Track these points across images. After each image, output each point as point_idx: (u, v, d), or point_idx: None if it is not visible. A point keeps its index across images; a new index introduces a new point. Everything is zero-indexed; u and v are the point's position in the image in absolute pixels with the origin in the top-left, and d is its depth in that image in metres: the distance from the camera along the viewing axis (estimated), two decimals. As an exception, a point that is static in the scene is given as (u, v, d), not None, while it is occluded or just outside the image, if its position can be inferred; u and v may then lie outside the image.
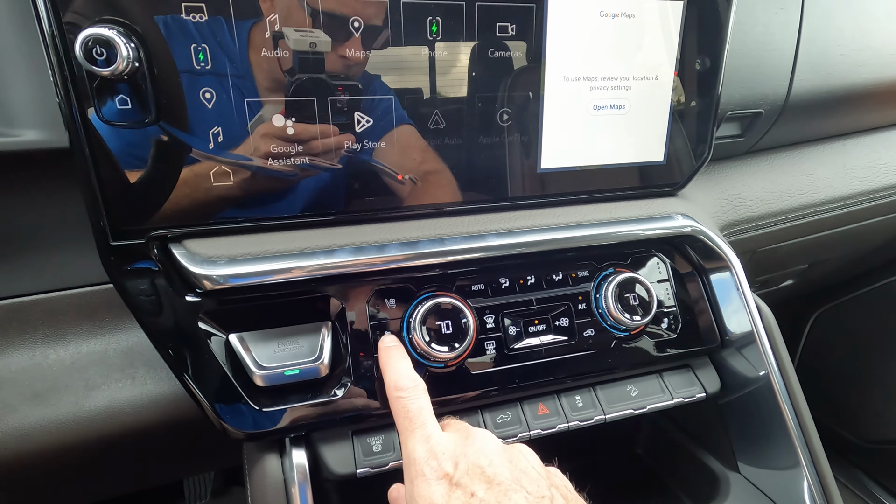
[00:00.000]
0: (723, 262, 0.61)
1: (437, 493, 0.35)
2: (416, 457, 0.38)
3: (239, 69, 0.43)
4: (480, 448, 0.37)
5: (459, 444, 0.38)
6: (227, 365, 0.47)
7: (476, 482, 0.35)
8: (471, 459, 0.36)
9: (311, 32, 0.44)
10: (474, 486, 0.34)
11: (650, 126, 0.57)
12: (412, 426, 0.41)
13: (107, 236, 0.44)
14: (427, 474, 0.37)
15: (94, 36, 0.38)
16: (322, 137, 0.47)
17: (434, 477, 0.36)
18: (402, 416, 0.42)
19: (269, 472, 0.47)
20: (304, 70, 0.44)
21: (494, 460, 0.36)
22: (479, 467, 0.36)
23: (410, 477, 0.38)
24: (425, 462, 0.37)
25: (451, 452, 0.38)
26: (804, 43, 0.68)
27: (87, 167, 0.42)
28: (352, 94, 0.46)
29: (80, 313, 0.52)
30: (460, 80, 0.49)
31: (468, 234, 0.51)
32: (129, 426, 0.52)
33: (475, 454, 0.37)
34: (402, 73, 0.47)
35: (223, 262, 0.45)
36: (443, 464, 0.37)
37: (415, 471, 0.38)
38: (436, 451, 0.38)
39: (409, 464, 0.39)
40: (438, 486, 0.36)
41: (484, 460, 0.36)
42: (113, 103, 0.41)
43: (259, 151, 0.45)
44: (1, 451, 0.48)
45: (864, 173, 0.83)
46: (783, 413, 0.58)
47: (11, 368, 0.49)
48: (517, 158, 0.54)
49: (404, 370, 0.45)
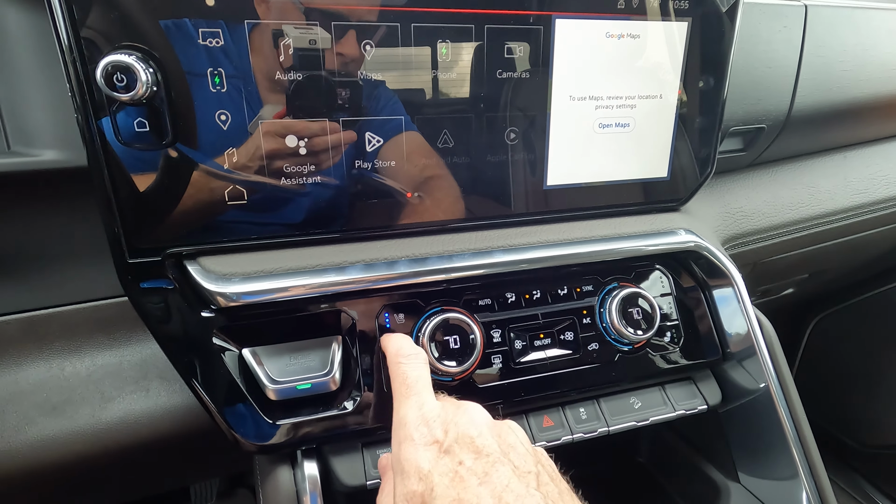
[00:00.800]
0: (725, 277, 0.62)
1: (423, 458, 0.35)
2: (408, 421, 0.38)
3: (253, 91, 0.44)
4: (471, 419, 0.37)
5: (451, 412, 0.38)
6: (240, 379, 0.48)
7: (465, 451, 0.34)
8: (461, 429, 0.36)
9: (314, 32, 0.45)
10: (462, 455, 0.34)
11: (654, 143, 0.58)
12: (408, 392, 0.41)
13: (124, 254, 0.45)
14: (416, 439, 0.36)
15: (114, 63, 0.39)
16: (333, 156, 0.48)
17: (423, 442, 0.36)
18: (399, 382, 0.42)
19: (281, 483, 0.48)
20: (314, 90, 0.45)
21: (484, 432, 0.36)
22: (468, 437, 0.36)
23: (398, 440, 0.38)
24: (415, 427, 0.37)
25: (443, 420, 0.38)
26: (806, 59, 0.69)
27: (106, 187, 0.43)
28: (361, 113, 0.47)
29: (95, 326, 0.53)
30: (468, 99, 0.50)
31: (476, 251, 0.52)
32: (143, 437, 0.53)
33: (466, 424, 0.37)
34: (411, 95, 0.48)
35: (237, 279, 0.46)
36: (433, 430, 0.37)
37: (403, 434, 0.37)
38: (427, 417, 0.38)
39: (398, 427, 0.39)
40: (427, 451, 0.35)
41: (474, 431, 0.36)
42: (131, 126, 0.42)
43: (272, 171, 0.46)
44: (20, 461, 0.49)
45: (865, 185, 0.84)
46: (783, 424, 0.59)
47: (29, 381, 0.50)
48: (523, 175, 0.55)
49: (406, 341, 0.46)
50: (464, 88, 0.50)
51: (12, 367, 0.50)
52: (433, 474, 0.33)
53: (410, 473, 0.34)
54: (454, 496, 0.32)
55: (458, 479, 0.33)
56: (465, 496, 0.31)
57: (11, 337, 0.50)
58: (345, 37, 0.45)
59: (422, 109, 0.49)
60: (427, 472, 0.34)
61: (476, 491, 0.32)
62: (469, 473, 0.33)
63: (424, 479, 0.33)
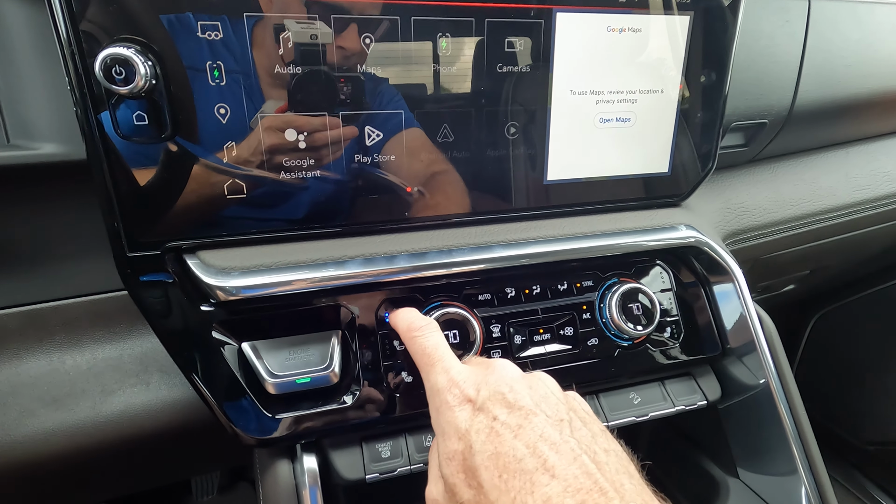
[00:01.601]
0: (726, 273, 0.61)
1: (460, 418, 0.36)
2: (439, 387, 0.39)
3: (252, 85, 0.44)
4: (501, 376, 0.38)
5: (480, 373, 0.39)
6: (239, 373, 0.48)
7: (498, 407, 0.36)
8: (492, 386, 0.37)
9: (315, 27, 0.44)
10: (496, 411, 0.35)
11: (655, 138, 0.58)
12: (431, 361, 0.41)
13: (123, 247, 0.45)
14: (450, 401, 0.38)
15: (113, 55, 0.39)
16: (333, 151, 0.48)
17: (457, 403, 0.37)
18: (420, 355, 0.43)
19: (281, 476, 0.49)
20: (315, 84, 0.45)
21: (515, 387, 0.37)
22: (500, 393, 0.37)
23: (435, 407, 0.39)
24: (448, 390, 0.38)
25: (473, 381, 0.39)
26: (809, 54, 0.69)
27: (105, 181, 0.43)
28: (361, 107, 0.47)
29: (96, 320, 0.53)
30: (468, 93, 0.50)
31: (475, 245, 0.52)
32: (143, 430, 0.53)
33: (496, 381, 0.38)
34: (411, 88, 0.48)
35: (237, 273, 0.46)
36: (465, 390, 0.38)
37: (439, 400, 0.39)
38: (457, 379, 0.39)
39: (432, 395, 0.40)
40: (462, 410, 0.37)
41: (504, 387, 0.37)
42: (130, 119, 0.42)
43: (272, 165, 0.46)
44: (22, 453, 0.49)
45: (867, 181, 0.84)
46: (782, 420, 0.59)
47: (30, 374, 0.51)
48: (524, 170, 0.54)
49: (414, 314, 0.47)
50: (464, 82, 0.49)
51: (13, 360, 0.51)
52: (470, 432, 0.35)
53: (450, 434, 0.36)
54: (492, 450, 0.33)
55: (494, 433, 0.34)
56: (502, 449, 0.33)
57: (12, 330, 0.50)
58: (345, 30, 0.45)
59: (422, 103, 0.49)
60: (465, 430, 0.35)
61: (511, 444, 0.33)
62: (503, 427, 0.34)
63: (463, 437, 0.35)
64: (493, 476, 0.32)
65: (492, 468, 0.32)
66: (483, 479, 0.32)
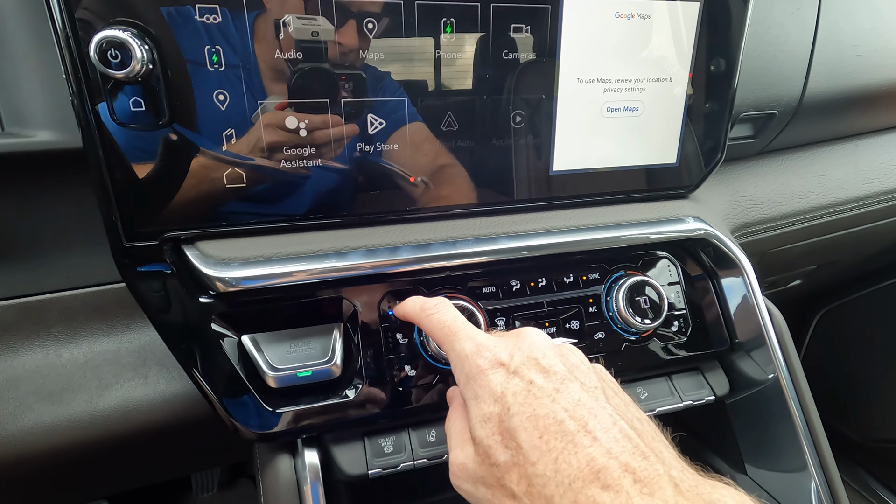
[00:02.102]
0: (734, 265, 0.60)
1: (494, 381, 0.35)
2: (467, 353, 0.37)
3: (251, 72, 0.43)
4: (532, 342, 0.37)
5: (510, 340, 0.38)
6: (239, 366, 0.47)
7: (533, 371, 0.35)
8: (525, 352, 0.36)
9: (317, 22, 0.43)
10: (532, 375, 0.34)
11: (663, 128, 0.57)
12: (452, 331, 0.40)
13: (120, 238, 0.44)
14: (482, 365, 0.36)
15: (108, 38, 0.38)
16: (335, 139, 0.47)
17: (489, 366, 0.36)
18: (438, 330, 0.41)
19: (282, 471, 0.48)
20: (315, 72, 0.44)
21: (548, 353, 0.36)
22: (533, 359, 0.36)
23: (465, 373, 0.37)
24: (478, 354, 0.37)
25: (504, 346, 0.37)
26: (820, 44, 0.67)
27: (101, 169, 0.42)
28: (363, 95, 0.46)
29: (93, 312, 0.52)
30: (473, 82, 0.49)
31: (480, 237, 0.51)
32: (141, 425, 0.52)
33: (528, 347, 0.37)
34: (415, 75, 0.47)
35: (236, 264, 0.45)
36: (497, 354, 0.37)
37: (469, 365, 0.37)
38: (486, 344, 0.37)
39: (460, 363, 0.38)
40: (495, 374, 0.35)
41: (538, 353, 0.36)
42: (126, 105, 0.41)
43: (272, 153, 0.45)
44: (17, 447, 0.49)
45: (877, 174, 0.82)
46: (792, 416, 0.58)
47: (26, 367, 0.50)
48: (529, 160, 0.53)
49: (422, 299, 0.45)
50: (468, 70, 0.48)
51: (9, 353, 0.50)
52: (507, 394, 0.34)
53: (484, 397, 0.35)
54: (530, 412, 0.32)
55: (532, 396, 0.33)
56: (541, 411, 0.32)
57: (8, 322, 0.49)
58: (350, 20, 0.43)
59: (425, 91, 0.47)
60: (500, 393, 0.34)
61: (550, 406, 0.32)
62: (540, 392, 0.33)
63: (499, 399, 0.34)
64: (534, 437, 0.31)
65: (531, 429, 0.32)
66: (522, 440, 0.32)
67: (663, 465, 0.30)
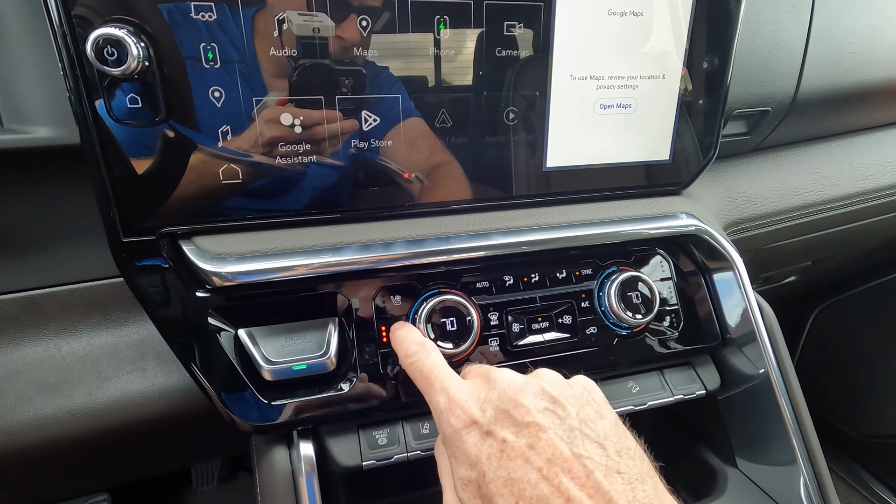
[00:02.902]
0: (726, 261, 0.61)
1: (469, 443, 0.35)
2: (441, 408, 0.38)
3: (248, 68, 0.43)
4: (503, 391, 0.37)
5: (482, 388, 0.38)
6: (236, 359, 0.48)
7: (505, 428, 0.34)
8: (496, 404, 0.36)
9: (317, 18, 0.44)
10: (503, 433, 0.34)
11: (656, 125, 0.57)
12: (429, 382, 0.41)
13: (118, 233, 0.45)
14: (455, 424, 0.36)
15: (104, 36, 0.38)
16: (330, 135, 0.47)
17: (462, 426, 0.36)
18: (418, 379, 0.42)
19: (278, 463, 0.49)
20: (311, 68, 0.44)
21: (520, 400, 0.36)
22: (504, 412, 0.35)
23: (441, 430, 0.38)
24: (450, 412, 0.37)
25: (475, 398, 0.37)
26: (814, 40, 0.68)
27: (99, 165, 0.42)
28: (359, 92, 0.46)
29: (92, 307, 0.53)
30: (467, 79, 0.49)
31: (473, 233, 0.52)
32: (140, 417, 0.53)
33: (499, 398, 0.36)
34: (408, 72, 0.47)
35: (232, 259, 0.46)
36: (468, 410, 0.36)
37: (443, 422, 0.38)
38: (458, 398, 0.38)
39: (437, 418, 0.39)
40: (469, 434, 0.36)
41: (509, 403, 0.36)
42: (123, 102, 0.41)
43: (267, 149, 0.46)
44: (17, 439, 0.49)
45: (871, 171, 0.83)
46: (782, 410, 0.59)
47: (26, 360, 0.50)
48: (523, 157, 0.54)
49: (409, 337, 0.46)
50: (462, 67, 0.49)
51: (9, 346, 0.50)
52: (481, 459, 0.34)
53: (462, 460, 0.35)
54: (505, 476, 0.33)
55: (505, 457, 0.33)
56: (515, 475, 0.32)
57: (8, 316, 0.50)
58: (343, 15, 0.44)
59: (419, 88, 0.48)
60: (475, 457, 0.34)
61: (524, 469, 0.33)
62: (513, 452, 0.33)
63: (475, 465, 0.34)
64: (510, 502, 0.32)
65: (507, 495, 0.32)
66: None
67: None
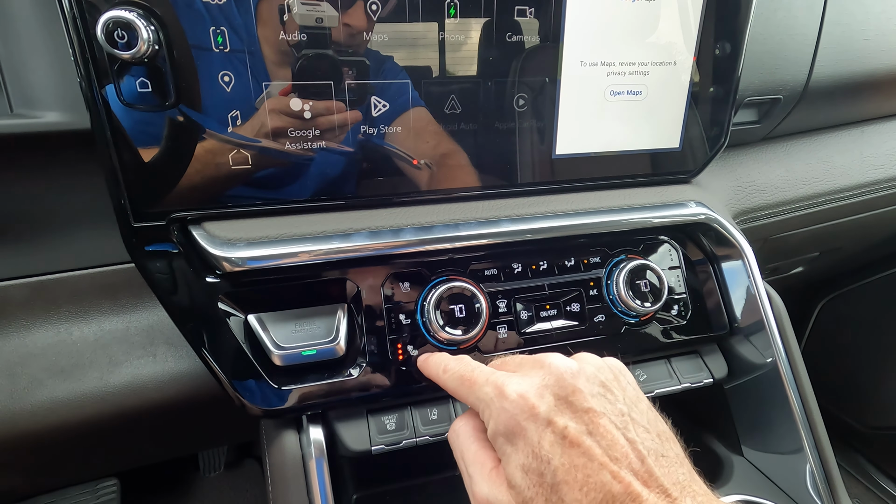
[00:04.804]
0: (735, 250, 0.61)
1: (530, 431, 0.34)
2: (490, 397, 0.36)
3: (256, 54, 0.43)
4: (559, 375, 0.36)
5: (536, 375, 0.37)
6: (246, 344, 0.48)
7: (566, 416, 0.34)
8: (553, 391, 0.35)
9: (326, 4, 0.43)
10: (564, 420, 0.34)
11: (667, 112, 0.57)
12: (472, 380, 0.39)
13: (128, 218, 0.45)
14: (510, 410, 0.35)
15: (115, 19, 0.38)
16: (339, 122, 0.47)
17: (520, 412, 0.35)
18: (459, 384, 0.40)
19: (288, 447, 0.49)
20: (320, 55, 0.44)
21: (577, 386, 0.35)
22: (563, 399, 0.35)
23: (493, 418, 0.36)
24: (503, 399, 0.36)
25: (530, 385, 0.36)
26: (827, 27, 0.67)
27: (109, 149, 0.42)
28: (368, 77, 0.46)
29: (102, 292, 0.53)
30: (476, 64, 0.49)
31: (482, 220, 0.52)
32: (151, 401, 0.54)
33: (555, 384, 0.35)
34: (419, 59, 0.47)
35: (242, 244, 0.46)
36: (526, 397, 0.35)
37: (495, 410, 0.36)
38: (510, 387, 0.36)
39: (484, 410, 0.37)
40: (528, 422, 0.34)
41: (566, 389, 0.35)
42: (133, 86, 0.41)
43: (276, 135, 0.46)
44: (29, 422, 0.50)
45: (882, 161, 0.82)
46: (789, 399, 0.59)
47: (38, 344, 0.51)
48: (532, 144, 0.53)
49: (441, 356, 0.45)
50: (472, 52, 0.48)
51: (21, 331, 0.51)
52: (543, 447, 0.33)
53: (521, 448, 0.34)
54: (569, 465, 0.32)
55: (567, 445, 0.33)
56: (578, 462, 0.32)
57: (20, 301, 0.51)
58: (351, 1, 0.43)
59: (428, 75, 0.48)
60: (537, 444, 0.34)
61: (587, 457, 0.32)
62: (575, 439, 0.33)
63: (536, 454, 0.34)
64: (575, 491, 0.32)
65: (572, 482, 0.32)
66: (565, 497, 0.32)
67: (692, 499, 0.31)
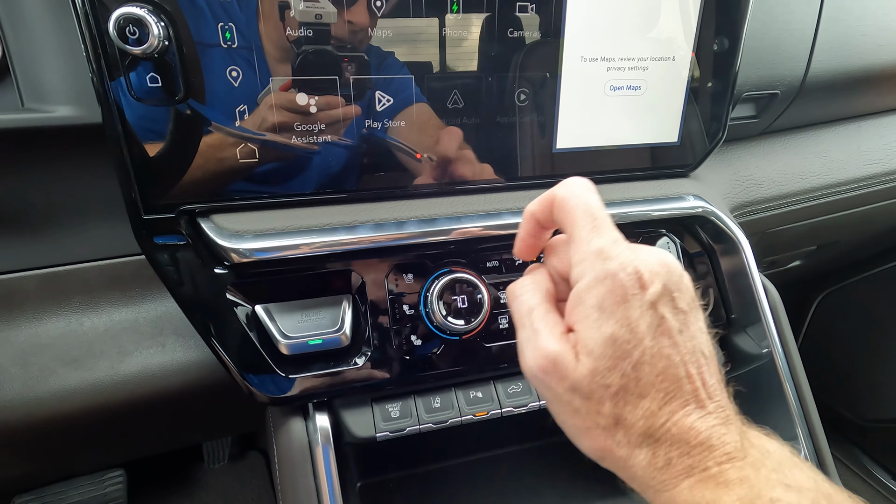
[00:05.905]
0: (732, 242, 0.62)
1: (633, 305, 0.32)
2: (597, 248, 0.34)
3: (262, 50, 0.44)
4: (669, 270, 0.34)
5: (652, 256, 0.35)
6: (253, 334, 0.49)
7: (667, 306, 0.33)
8: (662, 280, 0.33)
9: (326, 5, 0.44)
10: (665, 310, 0.33)
11: (666, 107, 0.58)
12: (600, 225, 0.35)
13: (139, 210, 0.46)
14: (617, 273, 0.33)
15: (126, 15, 0.39)
16: (344, 116, 0.48)
17: (630, 284, 0.33)
18: (584, 216, 0.36)
19: (295, 434, 0.50)
20: (326, 50, 0.45)
21: (681, 284, 0.34)
22: (669, 292, 0.33)
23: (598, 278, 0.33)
24: (612, 261, 0.33)
25: (644, 261, 0.34)
26: (825, 23, 0.68)
27: (120, 143, 0.43)
28: (372, 72, 0.47)
29: (112, 283, 0.54)
30: (478, 59, 0.50)
31: (484, 212, 0.53)
32: (160, 390, 0.55)
33: (666, 275, 0.34)
34: (421, 54, 0.48)
35: (250, 236, 0.47)
36: (640, 272, 0.33)
37: (599, 262, 0.33)
38: (622, 252, 0.33)
39: (580, 260, 0.34)
40: (634, 297, 0.33)
41: (673, 285, 0.34)
42: (144, 81, 0.42)
43: (283, 129, 0.47)
44: (41, 410, 0.51)
45: (879, 155, 0.83)
46: (784, 390, 0.60)
47: (49, 334, 0.52)
48: (533, 138, 0.54)
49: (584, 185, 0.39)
50: (473, 47, 0.49)
51: (33, 321, 0.52)
52: (640, 326, 0.32)
53: (619, 318, 0.33)
54: (657, 350, 0.32)
55: (661, 332, 0.33)
56: (665, 351, 0.32)
57: (31, 292, 0.52)
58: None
59: (431, 69, 0.49)
60: (635, 321, 0.33)
61: (673, 349, 0.33)
62: (668, 330, 0.33)
63: (633, 329, 0.33)
64: (653, 374, 0.32)
65: (655, 367, 0.32)
66: (642, 375, 0.32)
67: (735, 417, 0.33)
